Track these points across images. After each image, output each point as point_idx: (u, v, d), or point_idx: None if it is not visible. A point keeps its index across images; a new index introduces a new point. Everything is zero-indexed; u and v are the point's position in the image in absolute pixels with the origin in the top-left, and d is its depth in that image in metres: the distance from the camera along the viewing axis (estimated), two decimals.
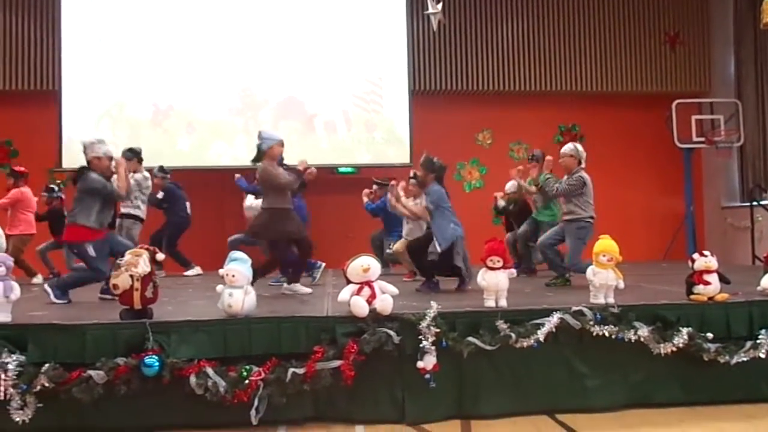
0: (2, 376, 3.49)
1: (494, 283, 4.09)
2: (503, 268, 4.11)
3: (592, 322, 3.94)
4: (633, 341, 3.95)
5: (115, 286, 3.81)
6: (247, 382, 3.58)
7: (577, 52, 10.49)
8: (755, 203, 9.36)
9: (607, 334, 3.94)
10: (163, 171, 8.00)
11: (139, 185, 7.06)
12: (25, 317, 4.06)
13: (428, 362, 3.74)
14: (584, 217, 5.67)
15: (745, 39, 10.06)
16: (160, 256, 4.03)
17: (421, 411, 3.85)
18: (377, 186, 7.81)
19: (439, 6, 7.90)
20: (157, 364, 3.55)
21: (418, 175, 6.22)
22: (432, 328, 3.77)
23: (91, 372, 3.53)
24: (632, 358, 4.02)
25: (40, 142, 9.43)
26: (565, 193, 5.74)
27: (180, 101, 9.68)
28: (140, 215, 7.19)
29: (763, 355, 4.00)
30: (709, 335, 4.02)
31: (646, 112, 10.50)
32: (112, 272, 3.92)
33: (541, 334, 3.87)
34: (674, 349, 3.95)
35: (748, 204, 9.50)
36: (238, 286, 3.85)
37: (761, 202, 9.33)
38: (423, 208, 5.62)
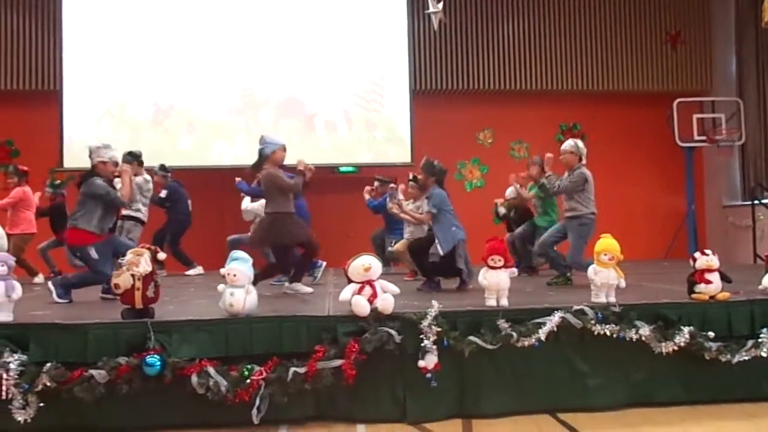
0: (4, 376, 3.50)
1: (495, 282, 4.09)
2: (504, 267, 4.11)
3: (593, 321, 3.94)
4: (634, 340, 3.95)
5: (116, 286, 3.81)
6: (248, 381, 3.58)
7: (578, 50, 10.49)
8: (756, 202, 9.34)
9: (608, 333, 3.94)
10: (164, 169, 8.01)
11: (139, 188, 7.06)
12: (27, 317, 4.06)
13: (429, 361, 3.74)
14: (586, 214, 5.67)
15: (747, 37, 10.05)
16: (161, 256, 4.03)
17: (423, 410, 3.85)
18: (379, 183, 7.80)
19: (440, 5, 7.89)
20: (159, 363, 3.55)
21: (418, 178, 6.22)
22: (433, 327, 3.77)
23: (92, 371, 3.53)
24: (633, 357, 4.02)
25: (41, 141, 9.44)
26: (567, 190, 5.74)
27: (181, 101, 9.68)
28: (141, 218, 7.18)
29: (764, 354, 4.00)
30: (711, 334, 4.02)
31: (648, 110, 10.49)
32: (114, 272, 3.93)
33: (542, 333, 3.87)
34: (675, 348, 3.94)
35: (750, 203, 9.49)
36: (240, 286, 3.85)
37: (762, 201, 9.32)
38: (425, 215, 5.61)
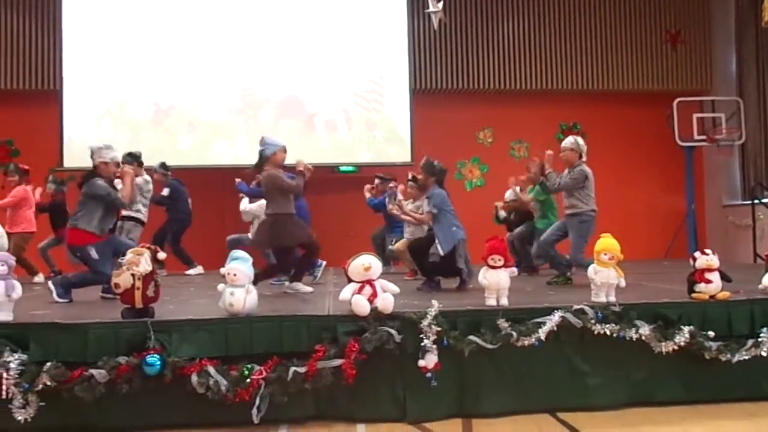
0: (4, 375, 3.50)
1: (495, 282, 4.09)
2: (504, 266, 4.11)
3: (593, 321, 3.94)
4: (634, 340, 3.95)
5: (116, 285, 3.81)
6: (248, 380, 3.58)
7: (578, 50, 10.48)
8: (757, 201, 9.34)
9: (608, 332, 3.94)
10: (164, 167, 7.99)
11: (139, 189, 7.05)
12: (27, 316, 4.06)
13: (429, 361, 3.75)
14: (586, 211, 5.66)
15: (747, 37, 10.05)
16: (161, 255, 4.03)
17: (423, 410, 3.85)
18: (380, 180, 7.78)
19: (440, 4, 7.89)
20: (159, 363, 3.55)
21: (417, 178, 6.22)
22: (433, 326, 3.77)
23: (92, 371, 3.53)
24: (633, 356, 4.02)
25: (42, 141, 9.44)
26: (567, 187, 5.72)
27: (181, 100, 9.68)
28: (141, 218, 7.18)
29: (764, 354, 4.00)
30: (711, 333, 4.02)
31: (648, 110, 10.48)
32: (114, 271, 3.93)
33: (542, 333, 3.87)
34: (675, 347, 3.94)
35: (750, 202, 9.49)
36: (240, 285, 3.85)
37: (762, 200, 9.32)
38: (426, 215, 5.60)
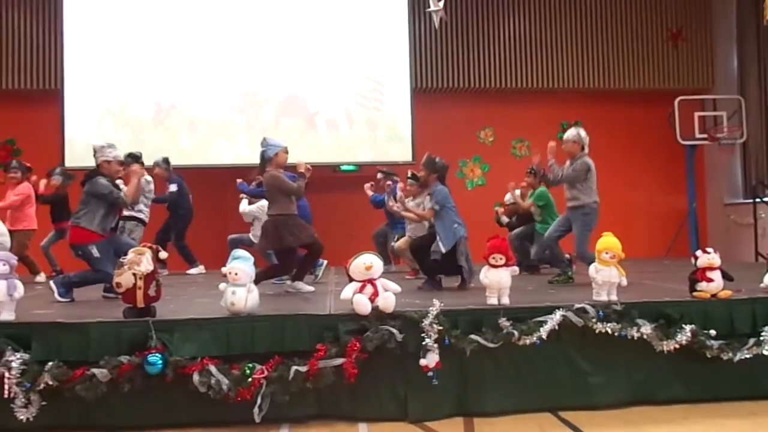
0: (6, 375, 3.50)
1: (497, 281, 4.09)
2: (506, 265, 4.11)
3: (594, 320, 3.95)
4: (636, 338, 3.95)
5: (118, 285, 3.82)
6: (250, 380, 3.58)
7: (580, 48, 10.47)
8: (758, 200, 9.34)
9: (609, 331, 3.94)
10: (166, 162, 7.96)
11: (141, 189, 7.05)
12: (29, 315, 4.07)
13: (431, 360, 3.75)
14: (588, 203, 5.64)
15: (748, 35, 10.04)
16: (163, 255, 4.03)
17: (424, 409, 3.85)
18: (383, 175, 7.75)
19: (441, 3, 7.87)
20: (161, 362, 3.56)
21: (419, 175, 6.22)
22: (434, 325, 3.78)
23: (94, 370, 3.54)
24: (635, 355, 4.02)
25: (43, 140, 9.44)
26: (569, 179, 5.71)
27: (182, 100, 9.68)
28: (143, 218, 7.18)
29: (766, 352, 4.00)
30: (712, 332, 4.02)
31: (649, 108, 10.48)
32: (116, 271, 3.93)
33: (543, 332, 3.87)
34: (677, 346, 3.94)
35: (751, 201, 9.48)
36: (241, 284, 3.85)
37: (764, 199, 9.31)
38: (428, 211, 5.60)
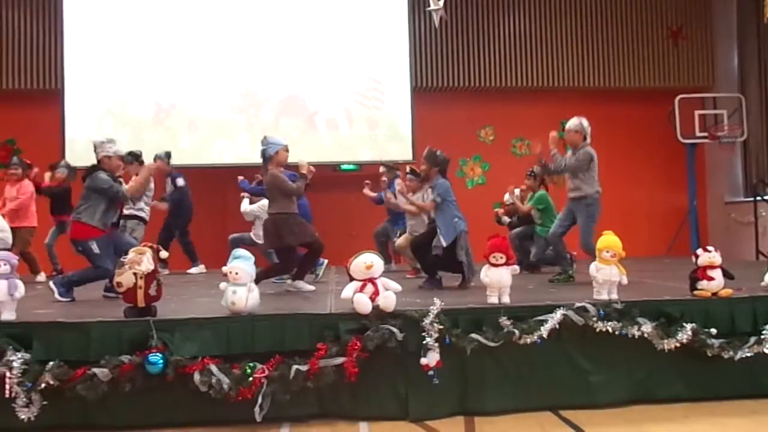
0: (7, 374, 3.50)
1: (497, 280, 4.09)
2: (506, 264, 4.11)
3: (595, 318, 3.94)
4: (636, 337, 3.95)
5: (119, 284, 3.82)
6: (250, 379, 3.58)
7: (579, 47, 10.47)
8: (759, 198, 9.33)
9: (610, 330, 3.94)
10: (168, 157, 7.95)
11: (147, 185, 7.05)
12: (30, 315, 4.07)
13: (431, 359, 3.75)
14: (591, 194, 5.63)
15: (749, 34, 10.03)
16: (164, 254, 4.04)
17: (425, 408, 3.85)
18: (386, 169, 7.75)
19: (441, 2, 7.87)
20: (161, 361, 3.56)
21: (416, 171, 6.23)
22: (435, 324, 3.78)
23: (95, 370, 3.54)
24: (636, 354, 4.01)
25: (43, 140, 9.44)
26: (572, 169, 5.70)
27: (182, 99, 9.68)
28: (144, 216, 7.19)
29: (766, 351, 3.99)
30: (713, 331, 4.02)
31: (649, 107, 10.47)
32: (116, 270, 3.93)
33: (544, 331, 3.87)
34: (678, 344, 3.94)
35: (752, 199, 9.48)
36: (242, 284, 3.85)
37: (765, 197, 9.30)
38: (429, 203, 5.59)
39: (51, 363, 3.56)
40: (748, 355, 3.99)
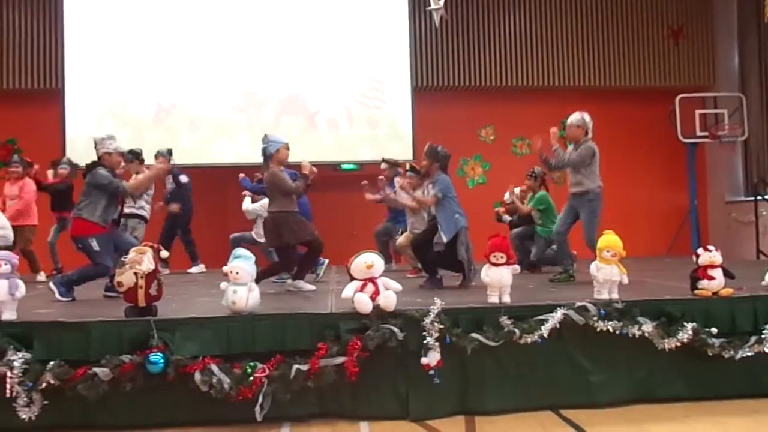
0: (8, 374, 3.51)
1: (498, 279, 4.09)
2: (507, 264, 4.11)
3: (596, 318, 3.94)
4: (637, 336, 3.95)
5: (119, 284, 3.83)
6: (251, 378, 3.58)
7: (580, 46, 10.47)
8: (759, 198, 9.33)
9: (611, 329, 3.94)
10: (170, 154, 7.94)
11: (151, 183, 7.04)
12: (31, 315, 4.07)
13: (432, 358, 3.75)
14: (593, 189, 5.62)
15: (749, 33, 10.03)
16: (164, 254, 4.04)
17: (425, 407, 3.85)
18: (387, 165, 7.74)
19: (441, 2, 7.87)
20: (162, 361, 3.56)
21: (421, 165, 6.22)
22: (436, 324, 3.78)
23: (96, 369, 3.54)
24: (636, 353, 4.01)
25: (44, 140, 9.44)
26: (574, 164, 5.69)
27: (182, 99, 9.69)
28: (145, 215, 7.19)
29: (767, 350, 3.99)
30: (714, 330, 4.02)
31: (650, 106, 10.46)
32: (117, 270, 3.93)
33: (544, 330, 3.87)
34: (678, 344, 3.94)
35: (753, 198, 9.47)
36: (242, 283, 3.85)
37: (765, 197, 9.30)
38: (430, 198, 5.58)
39: (52, 363, 3.56)
40: (749, 354, 3.99)
